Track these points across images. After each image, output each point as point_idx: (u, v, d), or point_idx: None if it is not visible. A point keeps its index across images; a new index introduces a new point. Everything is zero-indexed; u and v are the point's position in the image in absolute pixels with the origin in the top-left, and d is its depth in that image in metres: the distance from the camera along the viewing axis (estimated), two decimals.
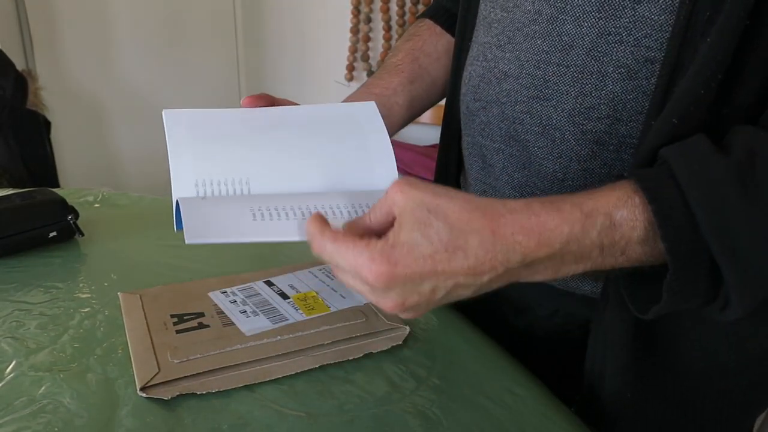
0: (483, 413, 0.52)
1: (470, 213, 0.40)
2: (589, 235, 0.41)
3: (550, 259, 0.41)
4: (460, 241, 0.40)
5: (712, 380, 0.57)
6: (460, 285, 0.41)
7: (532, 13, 0.54)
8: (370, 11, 2.21)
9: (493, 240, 0.40)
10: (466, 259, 0.40)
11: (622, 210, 0.41)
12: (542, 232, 0.40)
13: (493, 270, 0.40)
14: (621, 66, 0.50)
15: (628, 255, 0.42)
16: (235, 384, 0.53)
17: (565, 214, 0.41)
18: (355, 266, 0.41)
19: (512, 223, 0.40)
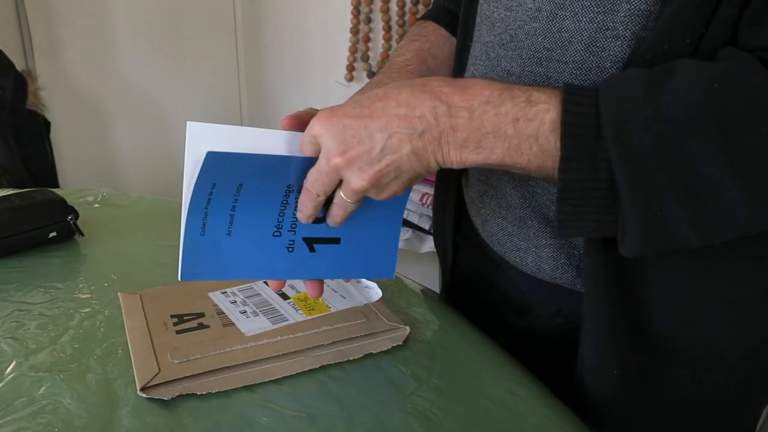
0: (483, 414, 0.52)
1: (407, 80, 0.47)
2: (505, 105, 0.44)
3: (470, 120, 0.44)
4: (393, 93, 0.45)
5: (708, 372, 0.57)
6: (396, 134, 0.45)
7: (533, 10, 0.54)
8: (370, 11, 2.21)
9: (422, 89, 0.45)
10: (398, 106, 0.45)
11: (540, 93, 0.44)
12: (466, 89, 0.45)
13: (422, 118, 0.44)
14: (619, 61, 0.50)
15: (541, 144, 0.44)
16: (235, 384, 0.53)
17: (489, 82, 0.46)
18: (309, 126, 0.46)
19: (441, 80, 0.46)
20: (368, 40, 2.26)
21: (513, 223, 0.62)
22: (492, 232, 0.65)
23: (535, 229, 0.60)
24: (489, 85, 0.45)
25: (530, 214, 0.60)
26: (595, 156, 0.42)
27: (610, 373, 0.56)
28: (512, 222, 0.62)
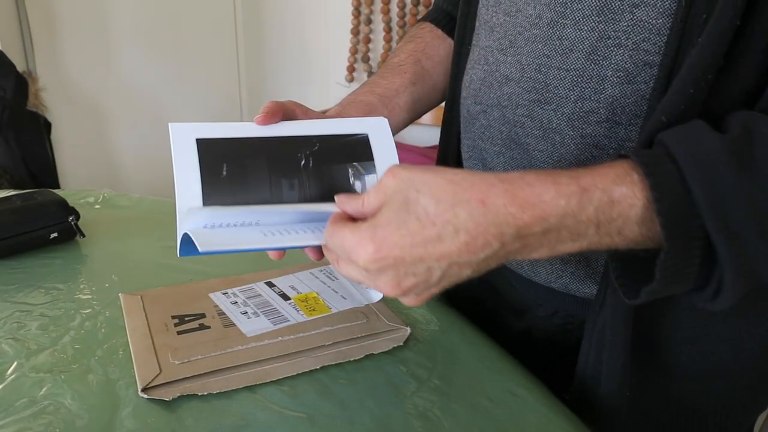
0: (484, 414, 0.52)
1: (457, 185, 0.39)
2: (586, 211, 0.39)
3: (545, 234, 0.40)
4: (449, 215, 0.38)
5: (710, 382, 0.57)
6: (456, 264, 0.40)
7: (534, 17, 0.54)
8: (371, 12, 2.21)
9: (483, 212, 0.38)
10: (456, 235, 0.38)
11: (621, 186, 0.39)
12: (537, 204, 0.39)
13: (487, 246, 0.39)
14: (620, 70, 0.50)
15: (625, 235, 0.40)
16: (236, 385, 0.53)
17: (561, 186, 0.39)
18: (346, 250, 0.41)
19: (504, 194, 0.39)
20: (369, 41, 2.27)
21: None
22: None
23: None
24: (562, 191, 0.39)
25: None
26: (691, 237, 0.39)
27: (610, 383, 0.57)
28: None
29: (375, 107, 0.65)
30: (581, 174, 0.40)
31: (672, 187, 0.38)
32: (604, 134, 0.52)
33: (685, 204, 0.38)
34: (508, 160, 0.60)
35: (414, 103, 0.71)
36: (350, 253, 0.40)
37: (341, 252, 0.42)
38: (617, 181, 0.40)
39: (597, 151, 0.52)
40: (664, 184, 0.38)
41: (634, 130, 0.50)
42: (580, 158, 0.53)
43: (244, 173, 0.53)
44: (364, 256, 0.39)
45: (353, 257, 0.40)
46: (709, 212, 0.38)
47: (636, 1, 0.48)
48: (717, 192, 0.38)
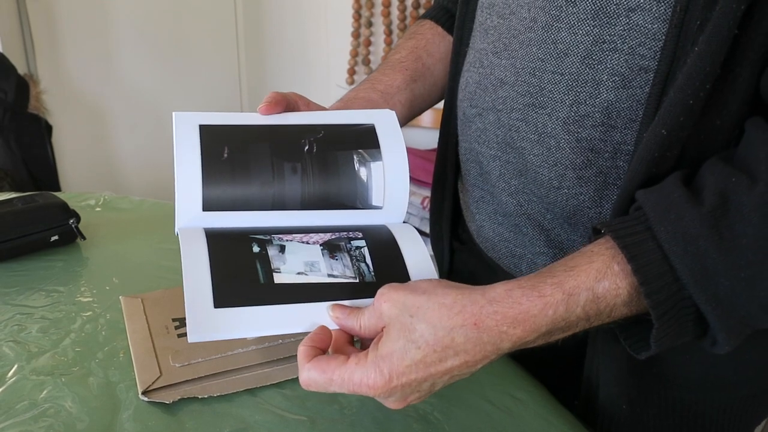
0: (485, 417, 0.52)
1: (449, 309, 0.42)
2: (574, 312, 0.42)
3: (538, 338, 0.43)
4: (447, 340, 0.41)
5: (710, 392, 0.57)
6: (457, 376, 0.43)
7: (528, 20, 0.54)
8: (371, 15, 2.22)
9: (478, 334, 0.41)
10: (456, 357, 0.41)
11: (604, 281, 0.42)
12: (527, 320, 0.42)
13: (485, 359, 0.42)
14: (615, 74, 0.49)
15: (615, 316, 0.43)
16: (236, 388, 0.53)
17: (547, 298, 0.42)
18: (352, 387, 0.42)
19: (495, 315, 0.41)
20: (369, 44, 2.27)
21: (508, 229, 0.61)
22: (487, 237, 0.65)
23: (530, 237, 0.59)
24: (548, 302, 0.42)
25: (525, 222, 0.59)
26: (681, 307, 0.41)
27: (612, 394, 0.56)
28: (508, 228, 0.61)
29: (377, 104, 0.66)
30: (564, 278, 0.42)
31: (655, 267, 0.41)
32: (599, 138, 0.51)
33: (670, 281, 0.41)
34: (504, 163, 0.59)
35: (414, 100, 0.71)
36: (358, 388, 0.42)
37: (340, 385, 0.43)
38: (599, 277, 0.42)
39: (592, 155, 0.52)
40: (647, 266, 0.41)
41: (630, 134, 0.50)
42: (575, 162, 0.53)
43: (246, 157, 0.52)
44: (375, 388, 0.41)
45: (362, 390, 0.42)
46: (695, 286, 0.40)
47: (632, 5, 0.47)
48: (700, 265, 0.40)
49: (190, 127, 0.53)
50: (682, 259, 0.40)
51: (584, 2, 0.50)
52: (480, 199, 0.65)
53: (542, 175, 0.56)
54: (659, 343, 0.42)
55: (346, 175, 0.54)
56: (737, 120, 0.44)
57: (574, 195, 0.54)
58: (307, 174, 0.53)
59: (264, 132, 0.54)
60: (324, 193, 0.54)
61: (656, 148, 0.44)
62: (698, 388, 0.56)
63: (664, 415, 0.58)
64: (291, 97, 0.59)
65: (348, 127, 0.57)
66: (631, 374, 0.56)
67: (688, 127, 0.43)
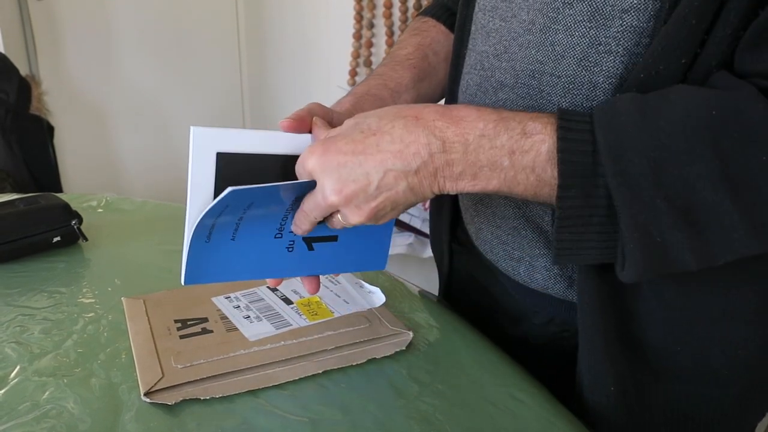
0: (486, 418, 0.52)
1: (399, 109, 0.46)
2: (500, 137, 0.44)
3: (465, 155, 0.45)
4: (387, 126, 0.45)
5: (704, 387, 0.57)
6: (391, 171, 0.45)
7: (527, 22, 0.54)
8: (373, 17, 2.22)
9: (415, 123, 0.45)
10: (392, 143, 0.45)
11: (536, 122, 0.44)
12: (459, 121, 0.45)
13: (417, 155, 0.45)
14: (612, 76, 0.49)
15: (538, 174, 0.44)
16: (238, 389, 0.53)
17: (482, 112, 0.45)
18: (302, 158, 0.47)
19: (435, 112, 0.46)
20: (371, 45, 2.27)
21: (507, 232, 0.61)
22: (486, 240, 0.65)
23: (529, 239, 0.59)
24: (483, 117, 0.45)
25: (524, 224, 0.59)
26: (593, 183, 0.42)
27: (607, 389, 0.56)
28: (506, 231, 0.61)
29: (386, 102, 0.66)
30: (503, 111, 0.46)
31: (579, 132, 0.42)
32: None
33: (588, 149, 0.42)
34: None
35: (419, 98, 0.71)
36: (304, 159, 0.47)
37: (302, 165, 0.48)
38: (534, 117, 0.45)
39: None
40: (573, 128, 0.43)
41: None
42: None
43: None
44: (312, 159, 0.46)
45: (305, 161, 0.47)
46: (608, 156, 0.41)
47: (625, 6, 0.48)
48: (617, 139, 0.41)
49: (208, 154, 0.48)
50: (603, 130, 0.42)
51: (581, 4, 0.50)
52: (479, 202, 0.65)
53: None
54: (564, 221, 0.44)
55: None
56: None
57: None
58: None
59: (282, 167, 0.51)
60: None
61: None
62: (691, 381, 0.56)
63: (658, 413, 0.58)
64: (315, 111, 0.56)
65: None
66: (625, 367, 0.55)
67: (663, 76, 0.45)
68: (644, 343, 0.55)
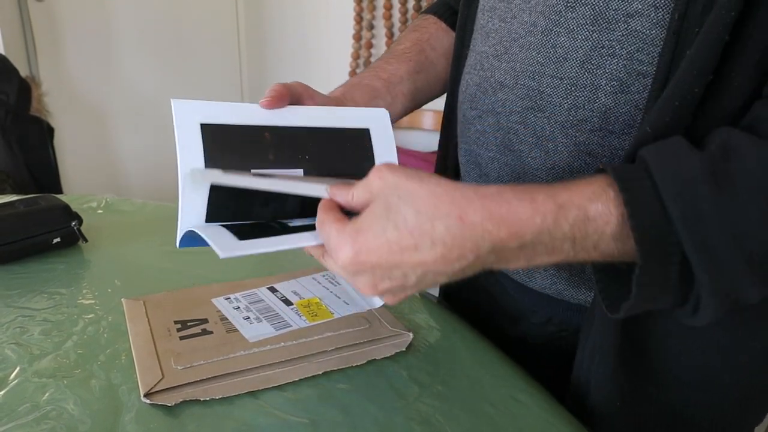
0: (486, 420, 0.52)
1: (438, 198, 0.40)
2: (562, 228, 0.40)
3: (521, 249, 0.41)
4: (427, 226, 0.40)
5: (703, 392, 0.57)
6: (431, 272, 0.41)
7: (528, 24, 0.54)
8: (373, 18, 2.22)
9: (460, 227, 0.39)
10: (433, 247, 0.40)
11: (597, 203, 0.40)
12: (513, 222, 0.40)
13: (462, 258, 0.40)
14: (614, 79, 0.49)
15: (601, 250, 0.41)
16: (238, 390, 0.53)
17: (538, 204, 0.40)
18: (330, 247, 0.43)
19: (482, 210, 0.40)
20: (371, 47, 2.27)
21: None
22: None
23: None
24: (539, 210, 0.40)
25: None
26: (668, 253, 0.39)
27: (606, 393, 0.56)
28: None
29: (379, 92, 0.66)
30: (558, 191, 0.41)
31: (647, 203, 0.39)
32: (597, 143, 0.52)
33: (660, 220, 0.39)
34: (502, 166, 0.60)
35: (416, 91, 0.71)
36: (332, 252, 0.43)
37: (326, 246, 0.44)
38: (593, 198, 0.40)
39: (590, 159, 0.52)
40: (639, 200, 0.39)
41: (628, 139, 0.50)
42: (573, 166, 0.53)
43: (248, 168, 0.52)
44: (343, 258, 0.41)
45: (334, 257, 0.43)
46: (684, 228, 0.38)
47: (631, 11, 0.48)
48: (693, 208, 0.38)
49: (191, 127, 0.52)
50: (674, 200, 0.38)
51: (583, 7, 0.50)
52: None
53: (540, 178, 0.56)
54: (640, 289, 0.40)
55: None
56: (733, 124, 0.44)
57: None
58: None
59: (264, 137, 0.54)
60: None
61: (640, 145, 0.43)
62: (690, 388, 0.56)
63: (657, 417, 0.58)
64: (295, 89, 0.58)
65: (344, 132, 0.57)
66: (624, 372, 0.55)
67: (675, 128, 0.43)
68: (646, 351, 0.55)
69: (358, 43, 2.27)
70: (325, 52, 2.46)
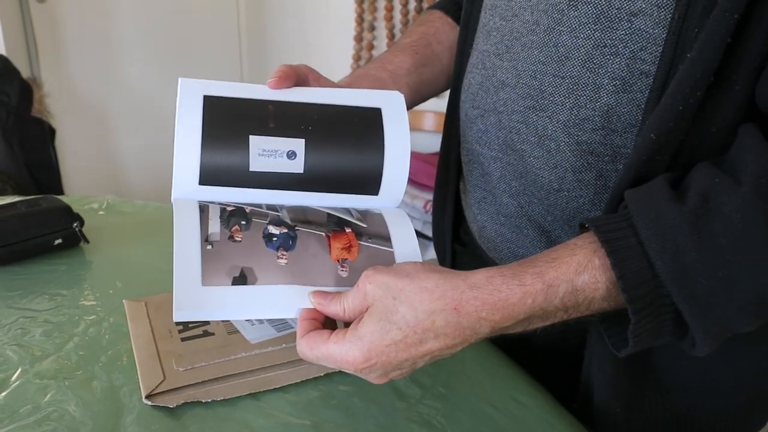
0: (487, 421, 0.52)
1: (430, 293, 0.43)
2: (553, 302, 0.42)
3: (516, 325, 0.44)
4: (427, 323, 0.42)
5: (706, 398, 0.57)
6: (438, 356, 0.44)
7: (531, 23, 0.54)
8: (374, 19, 2.22)
9: (457, 318, 0.42)
10: (436, 339, 0.42)
11: (584, 275, 0.42)
12: (506, 307, 0.42)
13: (465, 342, 0.43)
14: (616, 78, 0.49)
15: (594, 309, 0.43)
16: (240, 392, 0.53)
17: (527, 287, 0.42)
18: (333, 361, 0.44)
19: (474, 301, 0.42)
20: (372, 48, 2.27)
21: (510, 230, 0.61)
22: (489, 238, 0.65)
23: (531, 238, 0.59)
24: (528, 293, 0.42)
25: (526, 223, 0.59)
26: (659, 304, 0.41)
27: (612, 398, 0.56)
28: (509, 229, 0.61)
29: (385, 83, 0.66)
30: (545, 269, 0.43)
31: (634, 263, 0.41)
32: (599, 141, 0.52)
33: (648, 278, 0.41)
34: (505, 165, 0.60)
35: (421, 84, 0.71)
36: (338, 363, 0.44)
37: (326, 362, 0.45)
38: (579, 270, 0.42)
39: (592, 158, 0.52)
40: (626, 261, 0.41)
41: (629, 137, 0.50)
42: (575, 165, 0.53)
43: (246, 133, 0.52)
44: (354, 364, 0.43)
45: (342, 366, 0.44)
46: (673, 283, 0.40)
47: (634, 10, 0.47)
48: (679, 263, 0.39)
49: (194, 96, 0.52)
50: (660, 256, 0.40)
51: (586, 6, 0.50)
52: (482, 200, 0.65)
53: (542, 177, 0.56)
54: (637, 339, 0.42)
55: (346, 159, 0.54)
56: (732, 127, 0.44)
57: (573, 197, 0.54)
58: (308, 155, 0.53)
59: (267, 108, 0.54)
60: (322, 175, 0.54)
61: (645, 151, 0.44)
62: (695, 393, 0.56)
63: (660, 420, 0.58)
64: (301, 70, 0.58)
65: (353, 109, 0.56)
66: (628, 378, 0.55)
67: (678, 132, 0.44)
68: (652, 357, 0.54)
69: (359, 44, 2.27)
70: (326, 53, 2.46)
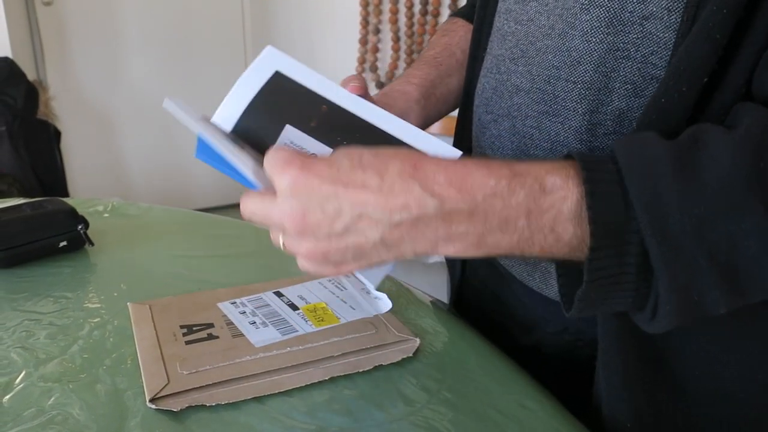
0: (494, 427, 0.51)
1: (400, 150, 0.40)
2: (516, 195, 0.38)
3: (471, 216, 0.39)
4: (380, 165, 0.39)
5: (721, 410, 0.56)
6: (367, 217, 0.39)
7: (546, 27, 0.54)
8: (379, 22, 2.22)
9: (412, 172, 0.38)
10: (379, 187, 0.38)
11: (555, 176, 0.38)
12: (465, 179, 0.38)
13: (404, 209, 0.38)
14: (627, 82, 0.49)
15: (558, 233, 0.39)
16: (244, 396, 0.52)
17: (493, 168, 0.39)
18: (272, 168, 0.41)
19: (437, 165, 0.39)
20: (377, 51, 2.28)
21: None
22: None
23: None
24: (493, 172, 0.39)
25: None
26: (625, 241, 0.38)
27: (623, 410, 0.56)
28: None
29: (411, 96, 0.66)
30: (517, 162, 0.40)
31: (607, 184, 0.37)
32: (611, 147, 0.51)
33: (619, 203, 0.37)
34: None
35: (449, 94, 0.72)
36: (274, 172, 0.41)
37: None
38: (551, 171, 0.39)
39: None
40: (599, 180, 0.38)
41: None
42: None
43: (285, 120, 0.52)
44: (284, 177, 0.40)
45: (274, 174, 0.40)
46: (644, 212, 0.36)
47: (646, 14, 0.47)
48: (654, 192, 0.36)
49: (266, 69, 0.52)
50: (637, 181, 0.37)
51: (598, 10, 0.49)
52: None
53: None
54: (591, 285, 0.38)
55: None
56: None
57: None
58: None
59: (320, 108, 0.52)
60: None
61: None
62: (707, 404, 0.56)
63: (672, 430, 0.57)
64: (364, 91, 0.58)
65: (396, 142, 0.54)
66: (640, 391, 0.55)
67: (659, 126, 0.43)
68: (663, 368, 0.54)
69: (364, 47, 2.28)
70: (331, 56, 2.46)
